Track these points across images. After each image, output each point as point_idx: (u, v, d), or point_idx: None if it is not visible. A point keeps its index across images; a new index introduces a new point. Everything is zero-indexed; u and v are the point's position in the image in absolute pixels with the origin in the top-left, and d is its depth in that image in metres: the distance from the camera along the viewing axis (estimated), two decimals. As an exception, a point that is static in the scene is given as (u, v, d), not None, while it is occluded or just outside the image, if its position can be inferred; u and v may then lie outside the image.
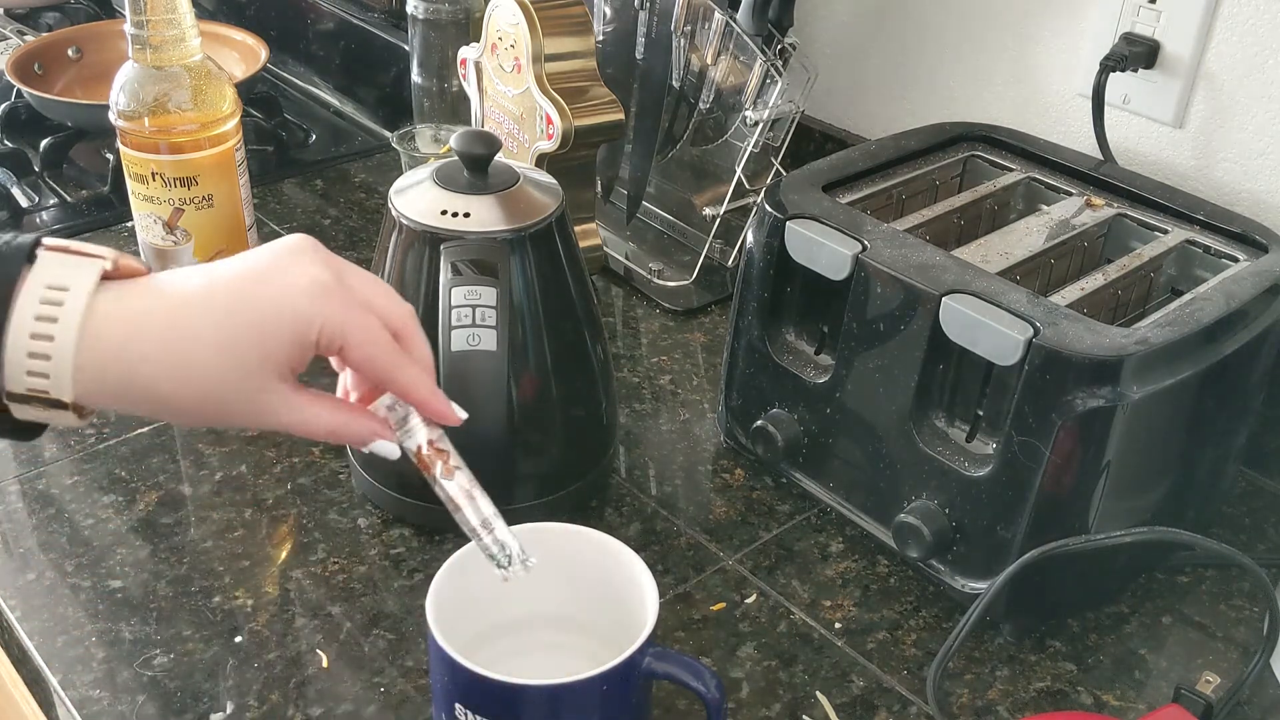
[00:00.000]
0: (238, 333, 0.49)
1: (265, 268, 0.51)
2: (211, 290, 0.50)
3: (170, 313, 0.49)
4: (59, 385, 0.48)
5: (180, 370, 0.49)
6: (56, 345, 0.47)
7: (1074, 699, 0.68)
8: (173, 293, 0.50)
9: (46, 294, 0.47)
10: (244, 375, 0.50)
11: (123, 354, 0.48)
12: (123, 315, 0.48)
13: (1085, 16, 0.89)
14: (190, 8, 0.83)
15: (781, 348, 0.79)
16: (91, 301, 0.48)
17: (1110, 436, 0.64)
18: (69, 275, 0.48)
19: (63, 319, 0.47)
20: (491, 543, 0.57)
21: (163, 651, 0.68)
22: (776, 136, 0.99)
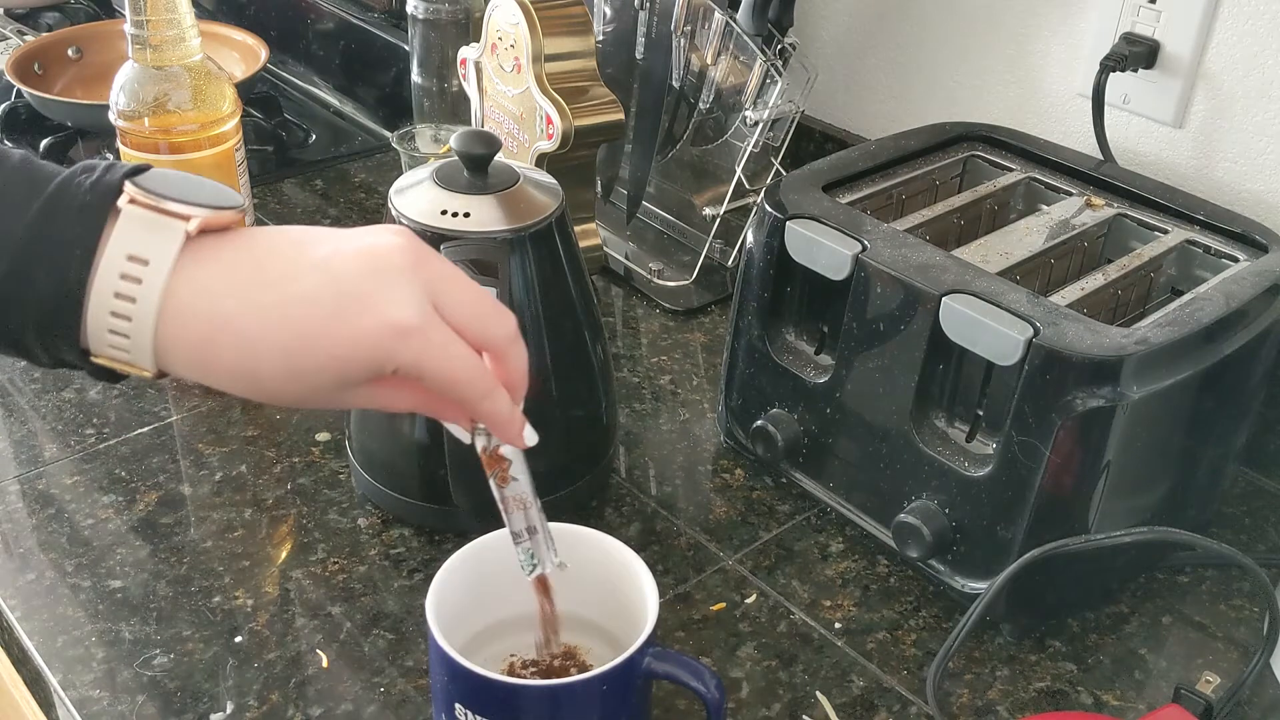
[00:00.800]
0: (308, 364, 0.48)
1: (351, 293, 0.48)
2: (289, 309, 0.48)
3: (248, 326, 0.47)
4: (139, 357, 0.47)
5: (250, 379, 0.48)
6: (134, 325, 0.46)
7: (1074, 699, 0.68)
8: (255, 299, 0.48)
9: (127, 267, 0.46)
10: (311, 392, 0.49)
11: (199, 347, 0.47)
12: (204, 308, 0.47)
13: (1085, 16, 0.89)
14: (190, 8, 0.83)
15: (781, 348, 0.79)
16: (172, 282, 0.46)
17: (1110, 436, 0.64)
18: (151, 244, 0.46)
19: (141, 300, 0.46)
20: (521, 551, 0.58)
21: (163, 651, 0.68)
22: (776, 136, 0.99)
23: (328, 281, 0.48)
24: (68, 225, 0.46)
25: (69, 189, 0.47)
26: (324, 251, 0.49)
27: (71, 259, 0.46)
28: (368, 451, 0.78)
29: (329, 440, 0.85)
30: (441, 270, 0.50)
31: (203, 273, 0.47)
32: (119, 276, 0.46)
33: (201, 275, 0.47)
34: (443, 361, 0.50)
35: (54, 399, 0.89)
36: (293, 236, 0.50)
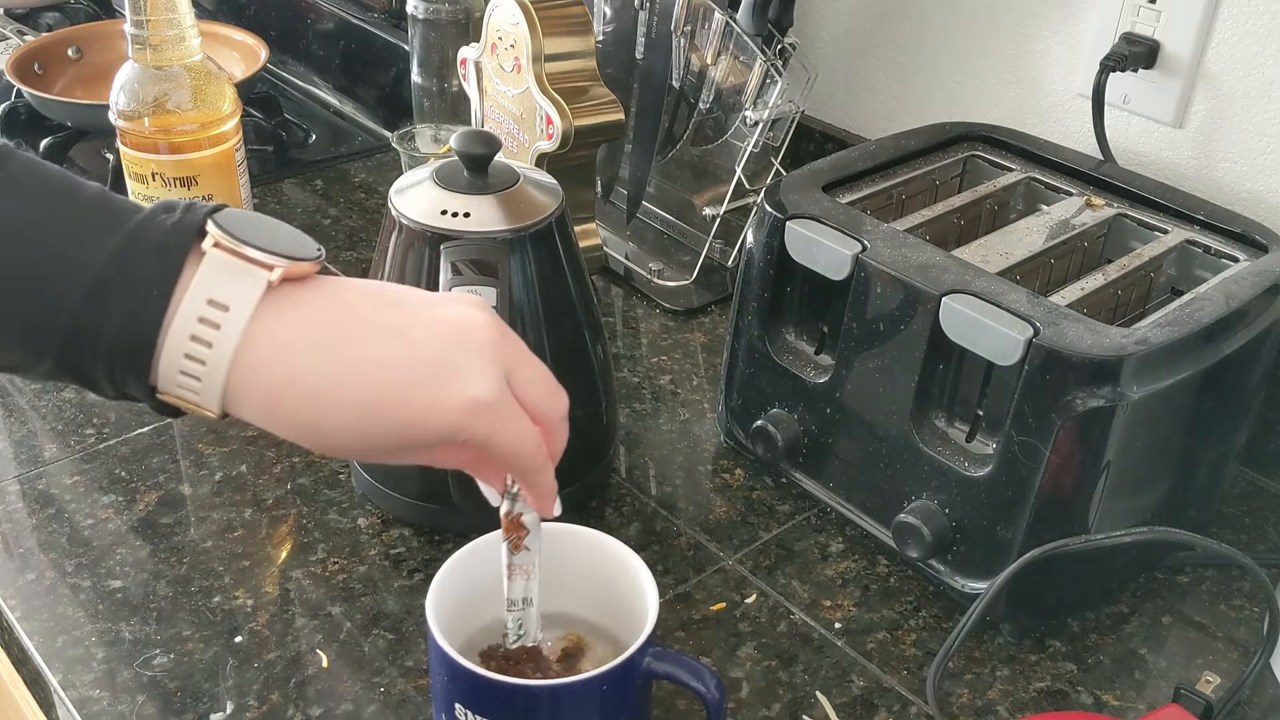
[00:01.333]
0: (377, 429, 0.48)
1: (429, 362, 0.49)
2: (364, 371, 0.48)
3: (320, 384, 0.48)
4: (208, 402, 0.47)
5: (314, 434, 0.48)
6: (208, 369, 0.46)
7: (1074, 699, 0.68)
8: (331, 357, 0.48)
9: (206, 311, 0.46)
10: (376, 450, 0.50)
11: (269, 397, 0.48)
12: (279, 359, 0.47)
13: (1085, 16, 0.89)
14: (190, 8, 0.83)
15: (781, 348, 0.79)
16: (251, 329, 0.47)
17: (1110, 436, 0.64)
18: (232, 290, 0.46)
19: (218, 345, 0.46)
20: (511, 619, 0.59)
21: (163, 651, 0.68)
22: (776, 136, 0.99)
23: (408, 349, 0.49)
24: (147, 263, 0.46)
25: (150, 227, 0.47)
26: (405, 317, 0.50)
27: (149, 297, 0.46)
28: (368, 451, 0.78)
29: (329, 440, 0.85)
30: (518, 349, 0.52)
31: (281, 323, 0.47)
32: (197, 320, 0.46)
33: (279, 326, 0.47)
34: (512, 438, 0.51)
35: (54, 399, 0.89)
36: (373, 293, 0.50)
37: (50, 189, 0.47)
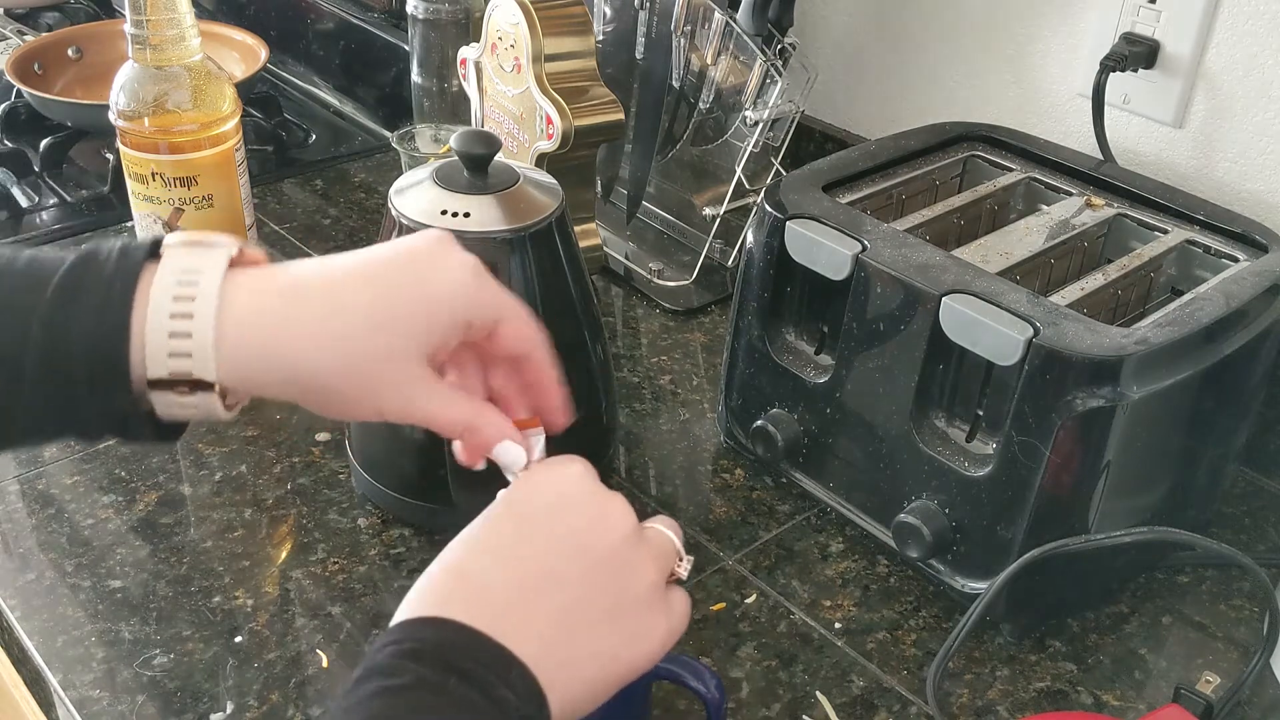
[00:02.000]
0: (400, 307, 0.49)
1: (419, 250, 0.51)
2: (370, 266, 0.50)
3: (328, 285, 0.49)
4: (202, 363, 0.47)
5: (333, 342, 0.48)
6: (196, 323, 0.47)
7: (1074, 699, 0.68)
8: (326, 268, 0.50)
9: (181, 276, 0.47)
10: (396, 353, 0.50)
11: (266, 325, 0.48)
12: (258, 306, 0.48)
13: (1085, 16, 0.89)
14: (190, 8, 0.83)
15: (781, 348, 0.79)
16: (226, 278, 0.47)
17: (1110, 436, 0.64)
18: (199, 260, 0.48)
19: (200, 296, 0.47)
20: None
21: (163, 651, 0.68)
22: (776, 136, 0.98)
23: (401, 249, 0.51)
24: (105, 266, 0.47)
25: (100, 246, 0.48)
26: (381, 246, 0.52)
27: (113, 288, 0.46)
28: (368, 451, 0.78)
29: (329, 440, 0.85)
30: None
31: (251, 283, 0.48)
32: (175, 283, 0.47)
33: (251, 284, 0.48)
34: (515, 307, 0.53)
35: (54, 399, 0.88)
36: (344, 254, 0.52)
37: None
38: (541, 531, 0.50)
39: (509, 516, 0.51)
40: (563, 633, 0.47)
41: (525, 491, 0.52)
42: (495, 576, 0.48)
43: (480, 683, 0.44)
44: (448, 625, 0.46)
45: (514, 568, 0.48)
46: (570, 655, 0.47)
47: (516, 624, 0.46)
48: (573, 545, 0.49)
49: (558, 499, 0.51)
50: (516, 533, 0.50)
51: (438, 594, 0.47)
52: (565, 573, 0.48)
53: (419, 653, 0.44)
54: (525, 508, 0.51)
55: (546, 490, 0.52)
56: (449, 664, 0.44)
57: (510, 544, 0.49)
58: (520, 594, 0.47)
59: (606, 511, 0.51)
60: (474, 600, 0.47)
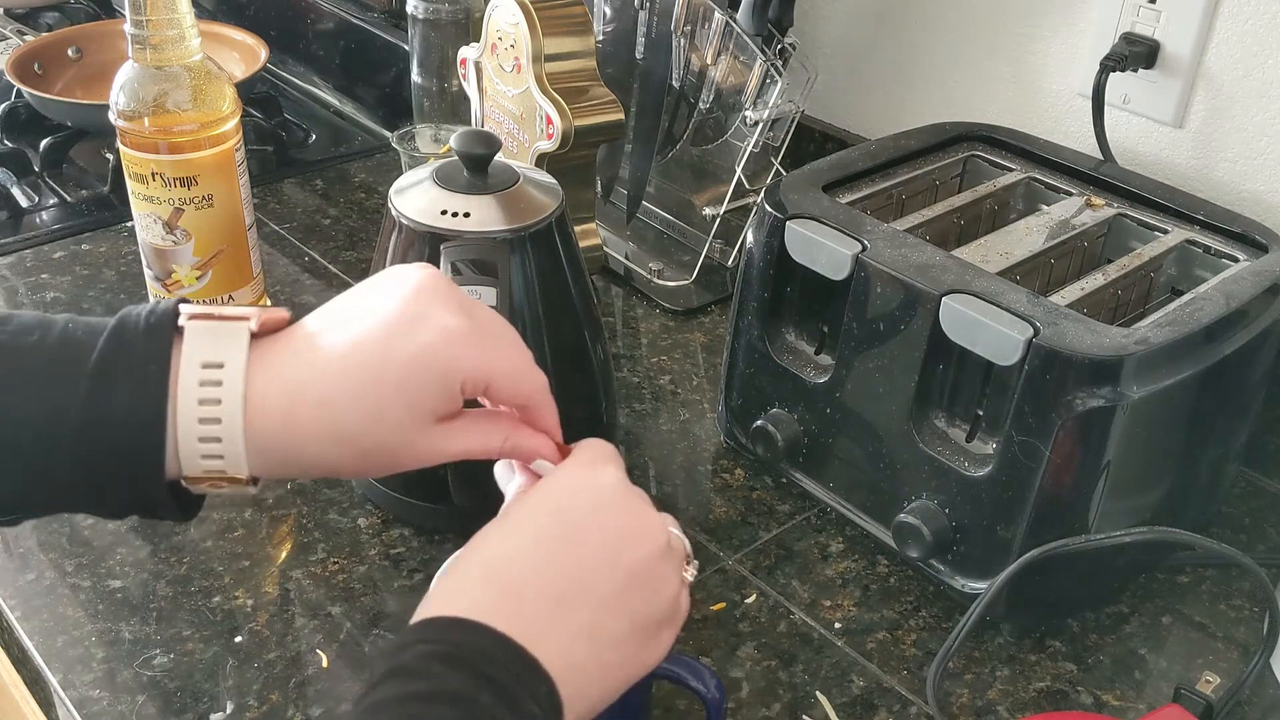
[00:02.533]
0: (384, 398, 0.50)
1: (399, 318, 0.51)
2: (352, 355, 0.50)
3: (321, 387, 0.49)
4: (234, 464, 0.49)
5: (339, 441, 0.50)
6: (224, 427, 0.48)
7: (1074, 699, 0.68)
8: (320, 360, 0.50)
9: (204, 374, 0.48)
10: (397, 430, 0.50)
11: (285, 427, 0.49)
12: (280, 389, 0.49)
13: (1085, 16, 0.89)
14: (190, 8, 0.83)
15: (781, 348, 0.79)
16: (248, 376, 0.48)
17: (1110, 436, 0.64)
18: (220, 348, 0.48)
19: (226, 399, 0.48)
20: None
21: (163, 651, 0.68)
22: (776, 136, 0.98)
23: (378, 321, 0.51)
24: (139, 345, 0.48)
25: (128, 321, 0.48)
26: (366, 301, 0.52)
27: (149, 372, 0.47)
28: (368, 451, 0.78)
29: (329, 440, 0.85)
30: (465, 296, 0.54)
31: (272, 360, 0.49)
32: (198, 384, 0.48)
33: (271, 363, 0.49)
34: (506, 362, 0.53)
35: (54, 399, 0.88)
36: (334, 306, 0.53)
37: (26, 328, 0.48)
38: (579, 539, 0.49)
39: (548, 520, 0.50)
40: (588, 646, 0.47)
41: (565, 495, 0.52)
42: (530, 583, 0.48)
43: (511, 697, 0.43)
44: (482, 631, 0.45)
45: (550, 576, 0.48)
46: (590, 667, 0.47)
47: (547, 635, 0.46)
48: (608, 556, 0.49)
49: (596, 506, 0.51)
50: (555, 538, 0.49)
51: (470, 595, 0.47)
52: (598, 586, 0.48)
53: (452, 658, 0.44)
54: (565, 514, 0.50)
55: (585, 495, 0.51)
56: (481, 673, 0.44)
57: (547, 550, 0.49)
58: (554, 605, 0.47)
59: (641, 521, 0.51)
60: (508, 607, 0.46)
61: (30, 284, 1.03)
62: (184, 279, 0.89)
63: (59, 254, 1.07)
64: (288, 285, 1.04)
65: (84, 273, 1.04)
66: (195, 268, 0.89)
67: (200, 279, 0.89)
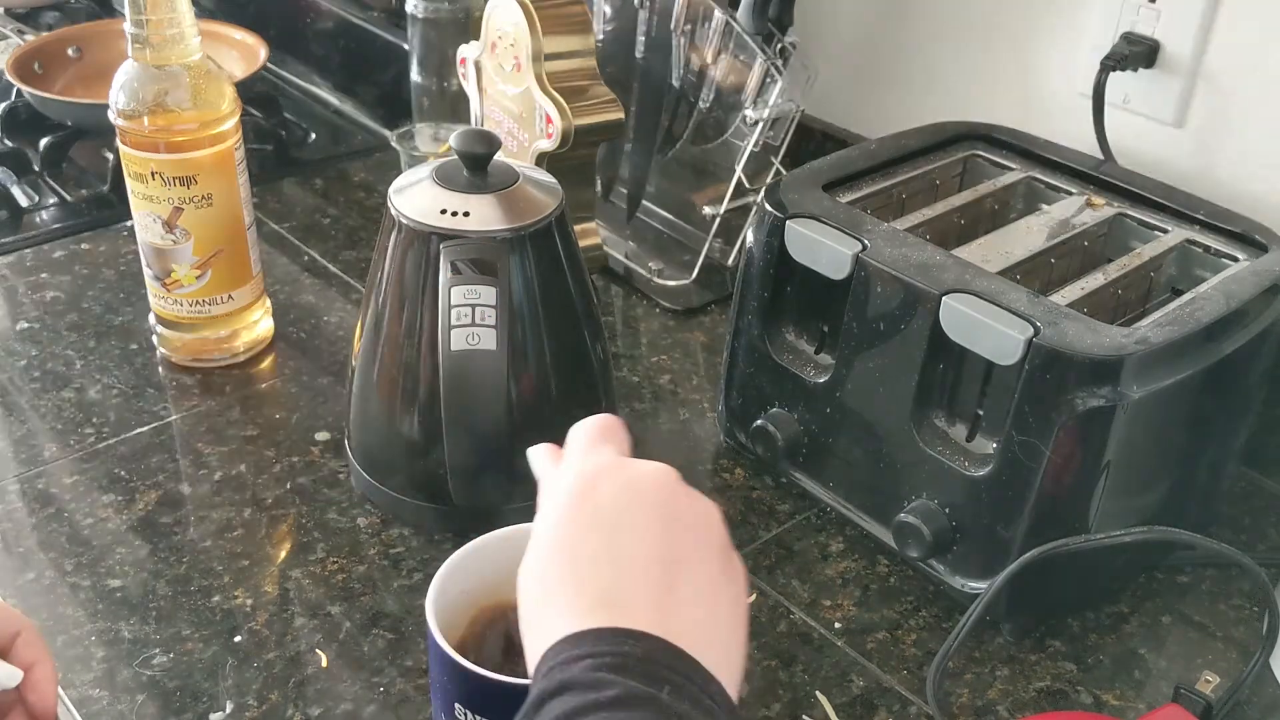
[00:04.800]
0: None
1: None
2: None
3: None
4: None
5: None
6: None
7: (1074, 699, 0.68)
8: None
9: None
10: None
11: None
12: None
13: (1085, 16, 0.89)
14: (190, 7, 0.83)
15: (781, 347, 0.79)
16: None
17: (1110, 436, 0.64)
18: None
19: None
20: None
21: (162, 651, 0.68)
22: (777, 136, 0.98)
23: None
24: None
25: None
26: None
27: None
28: (367, 451, 0.78)
29: (328, 440, 0.85)
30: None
31: None
32: None
33: None
34: None
35: (54, 398, 0.89)
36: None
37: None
38: (629, 521, 0.48)
39: (586, 519, 0.49)
40: (705, 611, 0.46)
41: (589, 490, 0.50)
42: (620, 580, 0.46)
43: (688, 694, 0.42)
44: (641, 637, 0.43)
45: (627, 566, 0.47)
46: (716, 627, 0.46)
47: (673, 621, 0.45)
48: (652, 518, 0.48)
49: (611, 483, 0.50)
50: (594, 529, 0.48)
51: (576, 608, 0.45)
52: (667, 551, 0.47)
53: (618, 666, 0.42)
54: (599, 512, 0.49)
55: (606, 484, 0.50)
56: (655, 675, 0.42)
57: (602, 543, 0.47)
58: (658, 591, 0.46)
59: (647, 471, 0.50)
60: (626, 609, 0.45)
61: (30, 283, 1.03)
62: (183, 278, 0.89)
63: (59, 253, 1.07)
64: (287, 284, 1.04)
65: (84, 272, 1.04)
66: (195, 267, 0.89)
67: (200, 278, 0.89)
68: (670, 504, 0.49)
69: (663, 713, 0.41)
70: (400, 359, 0.73)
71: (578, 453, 0.53)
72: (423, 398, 0.73)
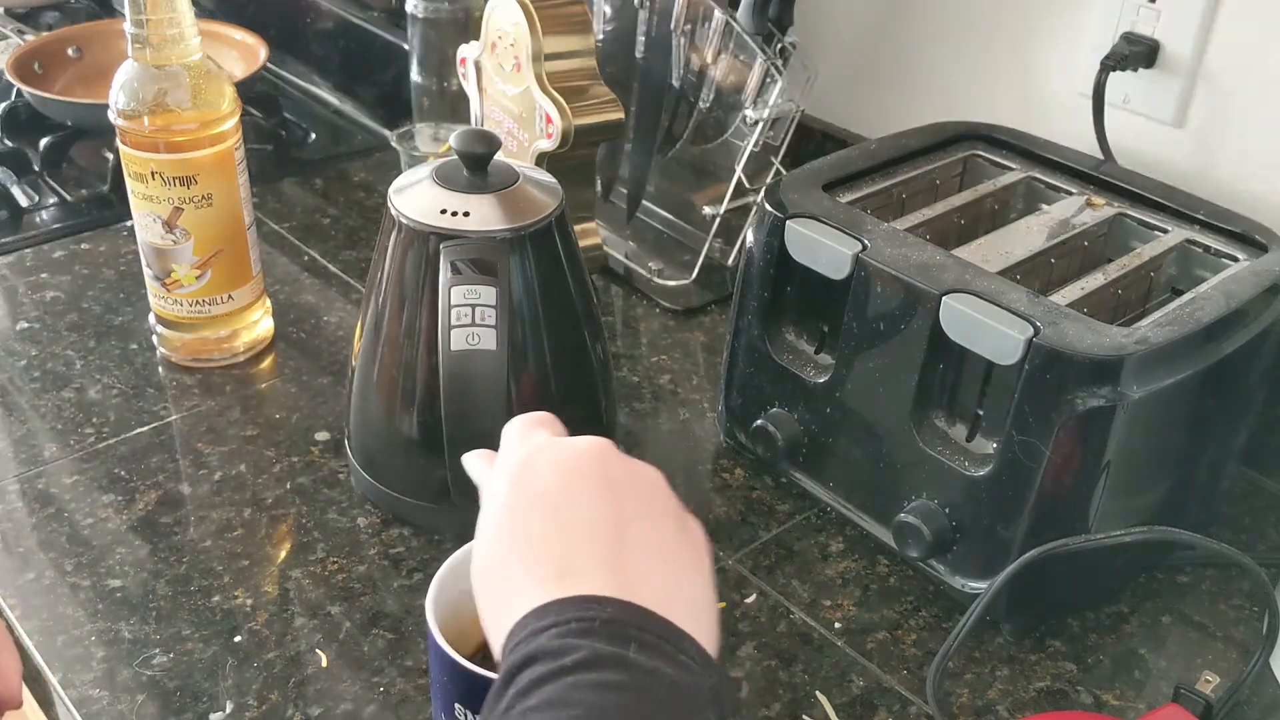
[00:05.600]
0: None
1: None
2: None
3: None
4: None
5: None
6: None
7: (1074, 699, 0.68)
8: None
9: None
10: None
11: None
12: None
13: (1085, 16, 0.89)
14: (190, 7, 0.83)
15: (781, 347, 0.79)
16: None
17: (1110, 436, 0.64)
18: None
19: None
20: None
21: (162, 651, 0.68)
22: (777, 135, 0.98)
23: None
24: None
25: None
26: None
27: None
28: (367, 451, 0.78)
29: (328, 440, 0.85)
30: None
31: None
32: None
33: None
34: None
35: (53, 398, 0.89)
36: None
37: None
38: (570, 493, 0.48)
39: (528, 501, 0.49)
40: (662, 574, 0.46)
41: (526, 473, 0.50)
42: (570, 548, 0.46)
43: (658, 651, 0.42)
44: (605, 601, 0.43)
45: (588, 532, 0.46)
46: (676, 588, 0.46)
47: (637, 584, 0.44)
48: (600, 489, 0.48)
49: (555, 467, 0.49)
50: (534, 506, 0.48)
51: (534, 582, 0.45)
52: (623, 515, 0.47)
53: (585, 631, 0.41)
54: (540, 492, 0.49)
55: (542, 465, 0.50)
56: (623, 636, 0.41)
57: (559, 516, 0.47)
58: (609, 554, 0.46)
59: (577, 446, 0.50)
60: (580, 578, 0.44)
61: (30, 283, 1.03)
62: (183, 278, 0.89)
63: (59, 253, 1.07)
64: (287, 284, 1.04)
65: (84, 272, 1.04)
66: (194, 267, 0.89)
67: (200, 278, 0.89)
68: (608, 472, 0.49)
69: (631, 670, 0.40)
70: (400, 359, 0.73)
71: (511, 445, 0.52)
72: (423, 398, 0.73)
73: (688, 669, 0.42)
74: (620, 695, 0.39)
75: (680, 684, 0.41)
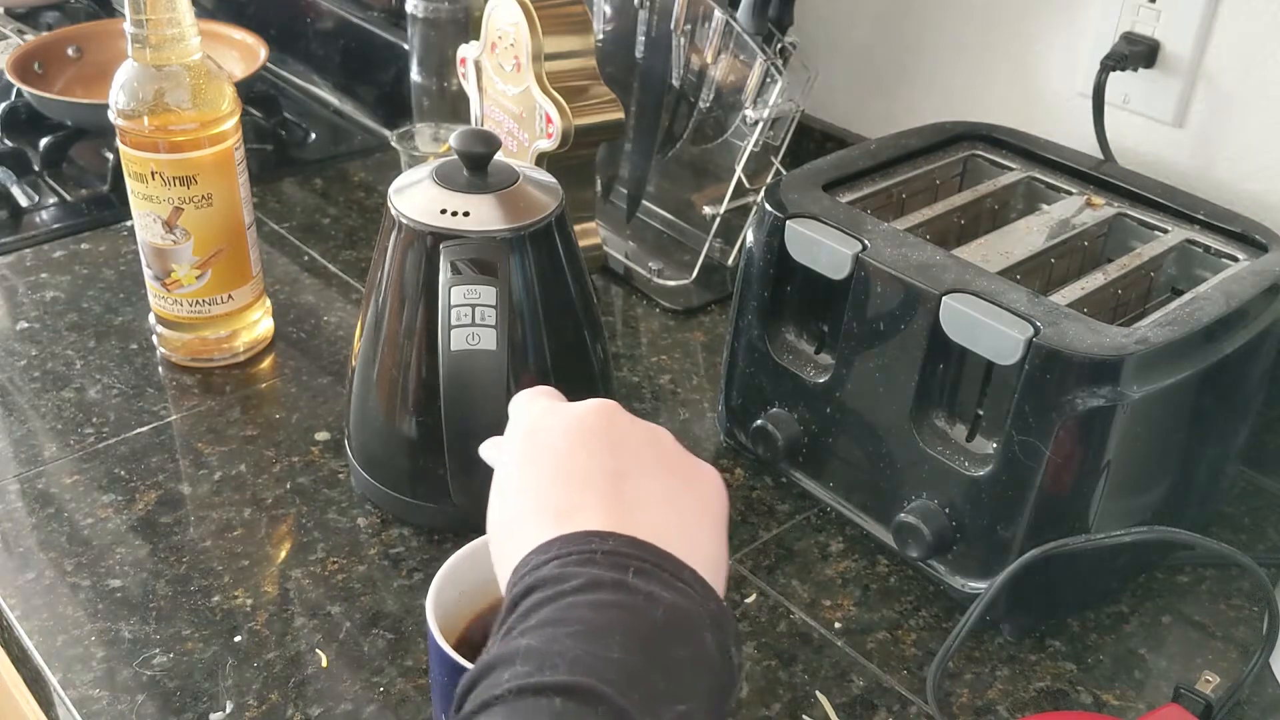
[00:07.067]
0: None
1: None
2: None
3: None
4: None
5: None
6: None
7: (1074, 699, 0.68)
8: None
9: None
10: None
11: None
12: None
13: (1085, 16, 0.89)
14: (190, 7, 0.83)
15: (781, 347, 0.79)
16: None
17: (1110, 436, 0.64)
18: None
19: None
20: None
21: (162, 651, 0.68)
22: (777, 135, 0.98)
23: None
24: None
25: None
26: None
27: None
28: (367, 451, 0.78)
29: (328, 440, 0.85)
30: None
31: None
32: None
33: None
34: None
35: (53, 398, 0.89)
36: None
37: None
38: (574, 446, 0.49)
39: (534, 458, 0.50)
40: (670, 514, 0.47)
41: (533, 435, 0.51)
42: (581, 493, 0.47)
43: (656, 577, 0.43)
44: (598, 535, 0.44)
45: (584, 479, 0.47)
46: (682, 528, 0.46)
47: (641, 523, 0.45)
48: (602, 443, 0.49)
49: (560, 426, 0.51)
50: (540, 456, 0.49)
51: (542, 524, 0.46)
52: (623, 466, 0.48)
53: (584, 560, 0.43)
54: (546, 448, 0.50)
55: (547, 427, 0.51)
56: (621, 565, 0.42)
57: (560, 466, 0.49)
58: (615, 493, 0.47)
59: (582, 407, 0.52)
60: (593, 511, 0.45)
61: (30, 283, 1.03)
62: (183, 278, 0.89)
63: (59, 253, 1.07)
64: (287, 284, 1.04)
65: (84, 272, 1.04)
66: (194, 267, 0.89)
67: (199, 278, 0.89)
68: (612, 429, 0.51)
69: (629, 592, 0.42)
70: (400, 359, 0.73)
71: (520, 414, 0.54)
72: (423, 398, 0.73)
73: (686, 594, 0.43)
74: (618, 612, 0.41)
75: (678, 605, 0.42)
